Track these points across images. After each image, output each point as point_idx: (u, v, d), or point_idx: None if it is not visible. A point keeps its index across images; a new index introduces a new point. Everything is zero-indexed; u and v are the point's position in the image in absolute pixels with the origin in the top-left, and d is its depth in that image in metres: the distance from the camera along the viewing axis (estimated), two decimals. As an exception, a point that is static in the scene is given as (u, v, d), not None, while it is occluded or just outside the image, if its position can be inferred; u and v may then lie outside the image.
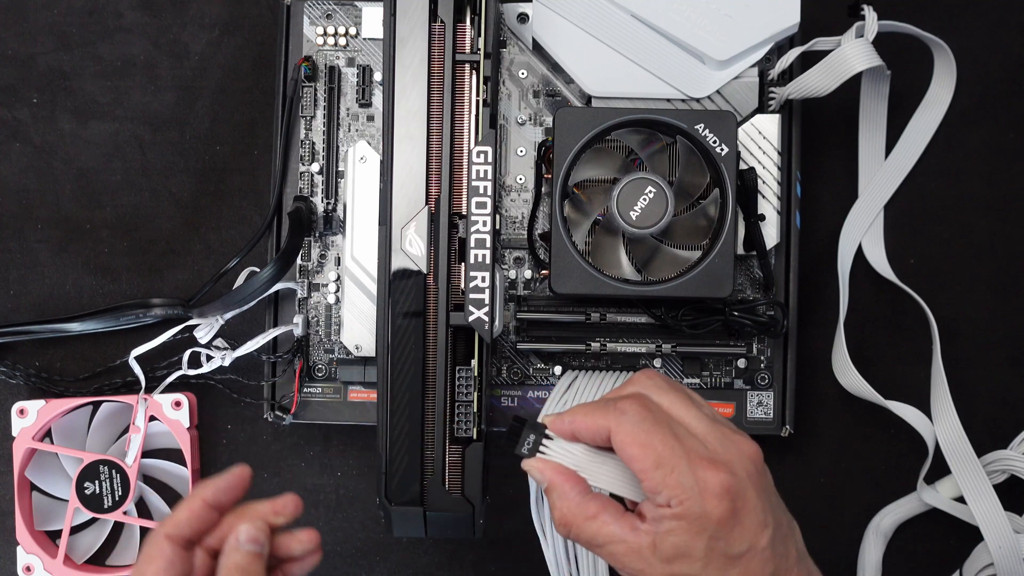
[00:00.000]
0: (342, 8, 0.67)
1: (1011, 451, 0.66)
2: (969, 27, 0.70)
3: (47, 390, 0.70)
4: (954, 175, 0.70)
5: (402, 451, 0.57)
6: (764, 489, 0.48)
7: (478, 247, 0.58)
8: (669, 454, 0.47)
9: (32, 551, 0.67)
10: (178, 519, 0.49)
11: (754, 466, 0.48)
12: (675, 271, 0.62)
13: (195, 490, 0.51)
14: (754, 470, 0.48)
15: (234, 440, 0.71)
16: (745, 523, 0.47)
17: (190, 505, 0.50)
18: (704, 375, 0.66)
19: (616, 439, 0.48)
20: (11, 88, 0.71)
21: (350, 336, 0.65)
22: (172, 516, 0.50)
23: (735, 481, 0.47)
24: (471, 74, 0.59)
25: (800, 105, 0.66)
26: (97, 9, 0.71)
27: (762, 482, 0.48)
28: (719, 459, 0.47)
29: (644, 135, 0.63)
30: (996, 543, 0.64)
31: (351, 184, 0.65)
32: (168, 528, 0.49)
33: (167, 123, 0.71)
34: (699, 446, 0.48)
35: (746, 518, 0.47)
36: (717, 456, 0.47)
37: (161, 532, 0.49)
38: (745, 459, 0.48)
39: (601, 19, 0.65)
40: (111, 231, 0.71)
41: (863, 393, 0.66)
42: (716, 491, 0.46)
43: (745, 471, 0.47)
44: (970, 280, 0.70)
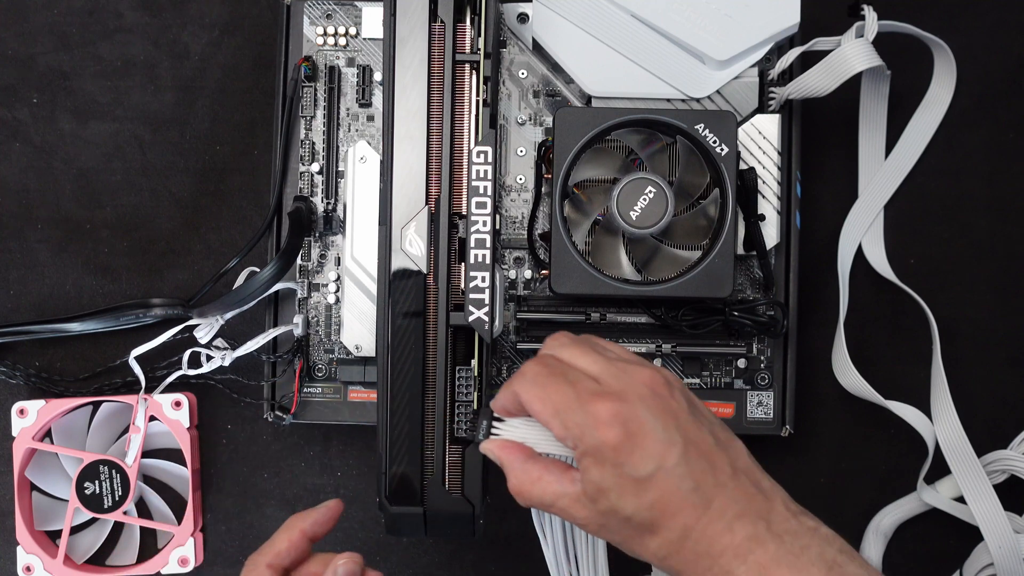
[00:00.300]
0: (342, 8, 0.67)
1: (1011, 451, 0.66)
2: (969, 27, 0.70)
3: (47, 390, 0.70)
4: (954, 175, 0.70)
5: (402, 451, 0.57)
6: (665, 411, 0.48)
7: (478, 247, 0.58)
8: (563, 399, 0.48)
9: (32, 551, 0.67)
10: (278, 549, 0.53)
11: (648, 390, 0.48)
12: (675, 271, 0.62)
13: (292, 521, 0.55)
14: (648, 393, 0.48)
15: (234, 440, 0.71)
16: (645, 445, 0.47)
17: (289, 535, 0.54)
18: (704, 375, 0.66)
19: (522, 400, 0.50)
20: (11, 88, 0.71)
21: (350, 336, 0.65)
22: (272, 546, 0.54)
23: (624, 406, 0.47)
24: (471, 74, 0.59)
25: (800, 105, 0.66)
26: (97, 9, 0.71)
27: (660, 404, 0.48)
28: (610, 391, 0.48)
29: (644, 135, 0.63)
30: (996, 543, 0.64)
31: (351, 184, 0.65)
32: (269, 558, 0.53)
33: (167, 123, 0.71)
34: (592, 385, 0.49)
35: (644, 440, 0.47)
36: (608, 389, 0.48)
37: (262, 561, 0.53)
38: (637, 385, 0.48)
39: (601, 19, 0.65)
40: (111, 231, 0.71)
41: (863, 393, 0.66)
42: (605, 419, 0.47)
43: (637, 395, 0.48)
44: (970, 280, 0.70)
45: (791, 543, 0.46)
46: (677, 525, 0.46)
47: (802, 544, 0.46)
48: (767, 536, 0.46)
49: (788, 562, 0.45)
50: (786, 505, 0.48)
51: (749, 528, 0.46)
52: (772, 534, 0.46)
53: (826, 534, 0.47)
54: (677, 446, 0.47)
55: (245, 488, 0.71)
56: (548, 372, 0.49)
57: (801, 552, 0.46)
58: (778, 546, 0.46)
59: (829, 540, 0.47)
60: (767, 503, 0.47)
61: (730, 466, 0.48)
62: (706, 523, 0.46)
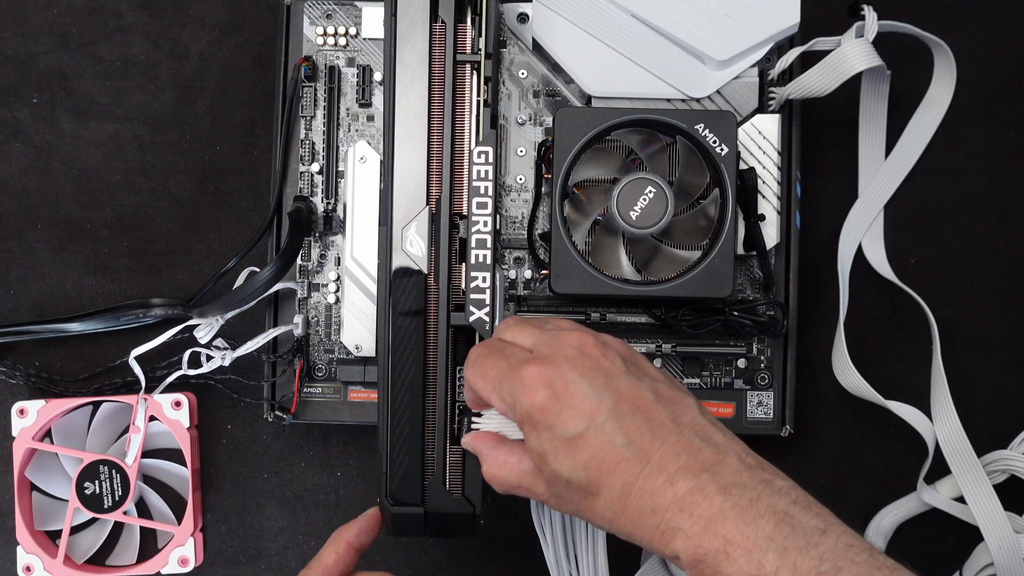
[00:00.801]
0: (342, 8, 0.67)
1: (1011, 451, 0.66)
2: (969, 27, 0.70)
3: (47, 390, 0.70)
4: (954, 175, 0.70)
5: (402, 451, 0.57)
6: (594, 369, 0.48)
7: (479, 247, 0.58)
8: (497, 372, 0.49)
9: (32, 551, 0.67)
10: (326, 563, 0.55)
11: (576, 351, 0.49)
12: (675, 271, 0.62)
13: (338, 534, 0.56)
14: (575, 354, 0.48)
15: (234, 440, 0.71)
16: (573, 404, 0.47)
17: (336, 548, 0.56)
18: (704, 375, 0.66)
19: (468, 383, 0.52)
20: (11, 88, 0.71)
21: (350, 336, 0.65)
22: (320, 561, 0.55)
23: (550, 368, 0.48)
24: (472, 74, 0.59)
25: (800, 105, 0.66)
26: (97, 9, 0.71)
27: (589, 364, 0.48)
28: (537, 357, 0.49)
29: (644, 135, 0.63)
30: (996, 543, 0.64)
31: (351, 184, 0.65)
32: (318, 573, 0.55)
33: (167, 123, 0.71)
34: (523, 355, 0.50)
35: (572, 399, 0.47)
36: (536, 356, 0.49)
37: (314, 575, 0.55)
38: (565, 347, 0.49)
39: (601, 19, 0.65)
40: (111, 231, 0.71)
41: (863, 393, 0.66)
42: (531, 383, 0.48)
43: (563, 357, 0.48)
44: (970, 280, 0.70)
45: (739, 495, 0.45)
46: (616, 483, 0.46)
47: (751, 496, 0.45)
48: (712, 488, 0.45)
49: (734, 515, 0.44)
50: (740, 458, 0.47)
51: (691, 481, 0.45)
52: (718, 486, 0.45)
53: (780, 486, 0.46)
54: (606, 402, 0.47)
55: (245, 488, 0.71)
56: (487, 351, 0.51)
57: (750, 504, 0.44)
58: (724, 498, 0.44)
59: (783, 492, 0.45)
60: (716, 455, 0.46)
61: (672, 420, 0.47)
62: (645, 478, 0.46)
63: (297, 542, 0.71)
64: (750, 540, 0.43)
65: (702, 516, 0.44)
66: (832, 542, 0.44)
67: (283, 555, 0.71)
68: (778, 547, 0.43)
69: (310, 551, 0.70)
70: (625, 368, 0.49)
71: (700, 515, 0.44)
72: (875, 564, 0.43)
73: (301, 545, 0.71)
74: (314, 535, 0.71)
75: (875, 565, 0.43)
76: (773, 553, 0.43)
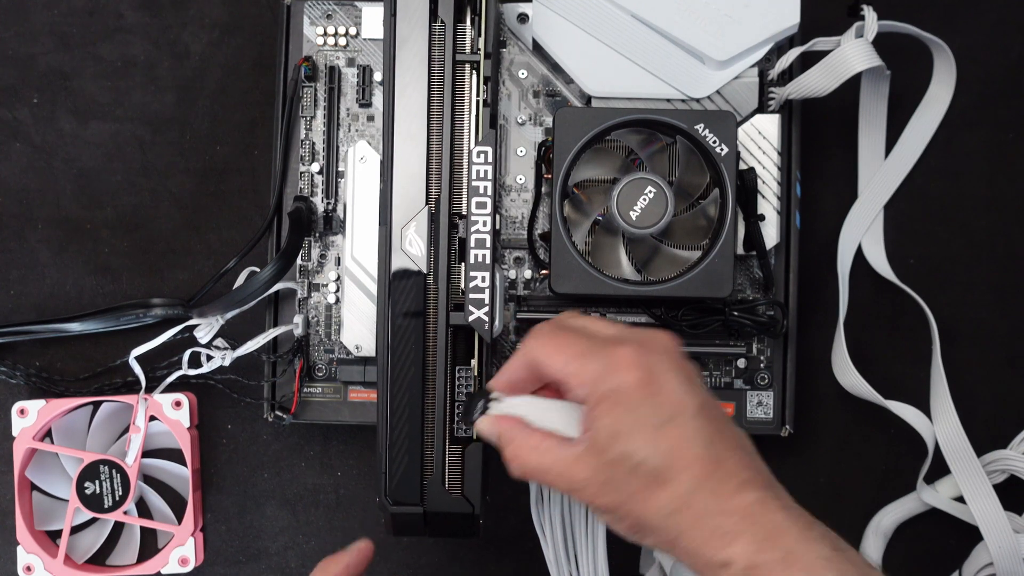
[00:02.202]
0: (342, 8, 0.67)
1: (1011, 451, 0.66)
2: (969, 27, 0.70)
3: (47, 390, 0.70)
4: (954, 175, 0.70)
5: (402, 451, 0.57)
6: (684, 368, 0.48)
7: (478, 247, 0.58)
8: (580, 348, 0.49)
9: (32, 551, 0.67)
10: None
11: (666, 346, 0.49)
12: (675, 271, 0.62)
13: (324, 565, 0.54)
14: (671, 347, 0.49)
15: (234, 440, 0.71)
16: (665, 391, 0.47)
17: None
18: (704, 375, 0.66)
19: (536, 356, 0.50)
20: (11, 88, 0.71)
21: (350, 336, 0.65)
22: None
23: (644, 352, 0.48)
24: (471, 74, 0.59)
25: (800, 105, 0.66)
26: (97, 9, 0.71)
27: (680, 362, 0.49)
28: (632, 340, 0.49)
29: (644, 135, 0.63)
30: (996, 543, 0.64)
31: (351, 184, 0.65)
32: None
33: (167, 123, 0.71)
34: (610, 337, 0.49)
35: (665, 387, 0.47)
36: (630, 339, 0.49)
37: None
38: (660, 339, 0.49)
39: (601, 19, 0.65)
40: (111, 231, 0.71)
41: (863, 393, 0.66)
42: (625, 363, 0.47)
43: (657, 347, 0.48)
44: (970, 280, 0.70)
45: (798, 516, 0.46)
46: (689, 477, 0.46)
47: (808, 520, 0.46)
48: (775, 505, 0.46)
49: (796, 532, 0.45)
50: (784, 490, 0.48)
51: (758, 493, 0.46)
52: (780, 504, 0.46)
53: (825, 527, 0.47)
54: (695, 401, 0.47)
55: (245, 488, 0.71)
56: (562, 328, 0.50)
57: (808, 526, 0.46)
58: (785, 516, 0.45)
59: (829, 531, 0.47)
60: (769, 479, 0.48)
61: (737, 438, 0.48)
62: (717, 480, 0.46)
63: (297, 542, 0.71)
64: (811, 556, 0.44)
65: (765, 528, 0.45)
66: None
67: (283, 555, 0.71)
68: (836, 570, 0.44)
69: (310, 551, 0.70)
70: (700, 377, 0.50)
71: (764, 525, 0.45)
72: None
73: (301, 545, 0.71)
74: (314, 535, 0.71)
75: None
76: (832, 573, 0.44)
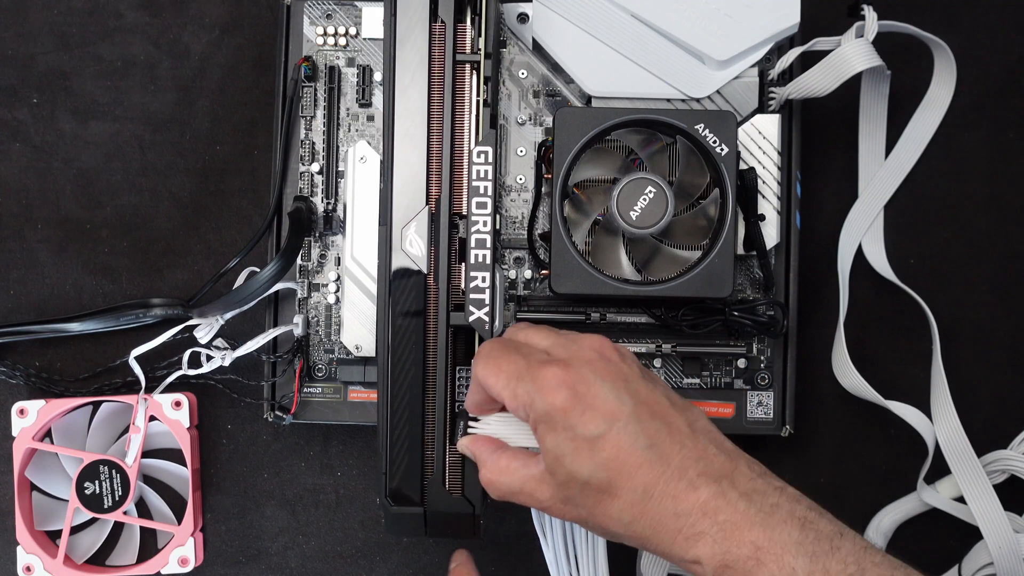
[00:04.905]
0: (342, 8, 0.67)
1: (1011, 451, 0.66)
2: (969, 27, 0.70)
3: (47, 390, 0.70)
4: (954, 175, 0.70)
5: (402, 451, 0.57)
6: (614, 373, 0.48)
7: (478, 247, 0.58)
8: (514, 370, 0.49)
9: (32, 551, 0.67)
10: None
11: (596, 354, 0.49)
12: (675, 271, 0.62)
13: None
14: (596, 357, 0.49)
15: (234, 440, 0.71)
16: (595, 405, 0.47)
17: None
18: (704, 375, 0.66)
19: (478, 378, 0.51)
20: (11, 88, 0.71)
21: (350, 336, 0.65)
22: None
23: (571, 371, 0.48)
24: (471, 74, 0.59)
25: (800, 105, 0.66)
26: (97, 9, 0.71)
27: (609, 368, 0.49)
28: (556, 359, 0.49)
29: (644, 135, 0.63)
30: (996, 543, 0.64)
31: (351, 184, 0.65)
32: None
33: (167, 123, 0.71)
34: (541, 355, 0.50)
35: (594, 400, 0.47)
36: (556, 357, 0.49)
37: None
38: (585, 350, 0.49)
39: (601, 19, 0.65)
40: (111, 231, 0.71)
41: (863, 393, 0.66)
42: (551, 384, 0.48)
43: (584, 360, 0.48)
44: (970, 280, 0.70)
45: (760, 501, 0.45)
46: (637, 485, 0.46)
47: (772, 503, 0.46)
48: (734, 495, 0.45)
49: (760, 520, 0.45)
50: (750, 466, 0.48)
51: (713, 487, 0.46)
52: (739, 493, 0.45)
53: (793, 493, 0.47)
54: (627, 405, 0.47)
55: (245, 488, 0.71)
56: (501, 348, 0.51)
57: (772, 510, 0.45)
58: (748, 504, 0.45)
59: (797, 498, 0.46)
60: (730, 463, 0.47)
61: (688, 426, 0.48)
62: (667, 481, 0.46)
63: (297, 542, 0.71)
64: (779, 546, 0.44)
65: (727, 521, 0.45)
66: (850, 545, 0.45)
67: (283, 555, 0.71)
68: (807, 552, 0.44)
69: (310, 551, 0.70)
70: (641, 373, 0.50)
71: (725, 520, 0.45)
72: (891, 564, 0.45)
73: (301, 545, 0.71)
74: (314, 535, 0.71)
75: (892, 565, 0.45)
76: (804, 558, 0.44)
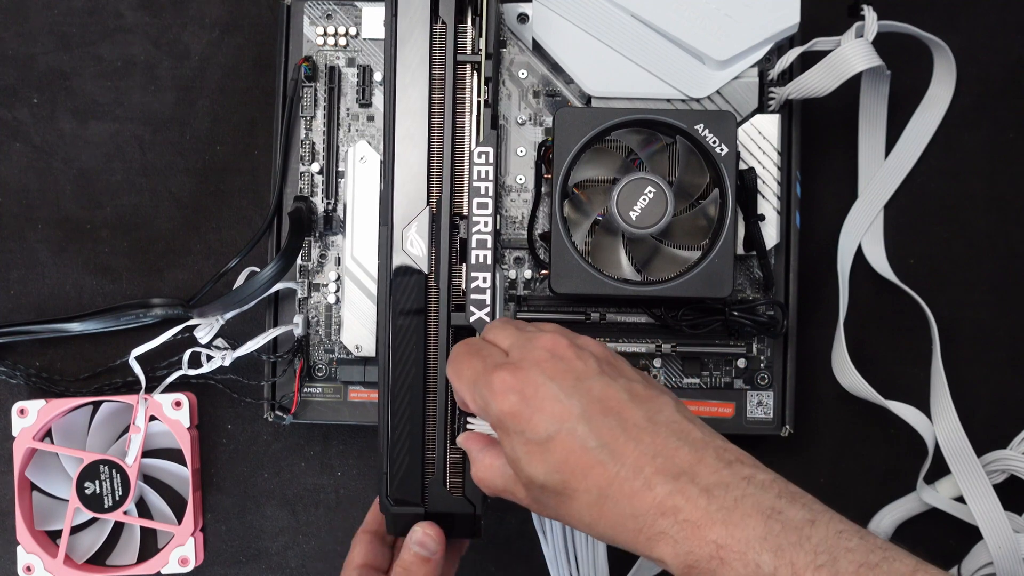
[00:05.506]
0: (342, 8, 0.67)
1: (1011, 451, 0.66)
2: (969, 27, 0.70)
3: (47, 390, 0.70)
4: (954, 175, 0.70)
5: (403, 451, 0.57)
6: (564, 372, 0.47)
7: (479, 247, 0.58)
8: (472, 374, 0.50)
9: (32, 551, 0.67)
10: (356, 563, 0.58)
11: (548, 354, 0.48)
12: (675, 271, 0.62)
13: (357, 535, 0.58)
14: (546, 357, 0.48)
15: (234, 440, 0.71)
16: (543, 407, 0.46)
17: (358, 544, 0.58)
18: (704, 375, 0.66)
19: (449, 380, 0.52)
20: (11, 88, 0.71)
21: (350, 336, 0.65)
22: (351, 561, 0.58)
23: (519, 373, 0.47)
24: (472, 74, 0.59)
25: (800, 105, 0.66)
26: (97, 9, 0.71)
27: (559, 366, 0.48)
28: (509, 362, 0.49)
29: (644, 135, 0.63)
30: (996, 543, 0.64)
31: (351, 184, 0.65)
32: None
33: (167, 123, 0.71)
34: (499, 357, 0.50)
35: (542, 403, 0.47)
36: (510, 360, 0.49)
37: None
38: (536, 350, 0.49)
39: (601, 19, 0.65)
40: (111, 231, 0.71)
41: (863, 393, 0.66)
42: (500, 389, 0.47)
43: (533, 361, 0.48)
44: (970, 280, 0.70)
45: (723, 496, 0.43)
46: (591, 486, 0.45)
47: (735, 496, 0.43)
48: (694, 491, 0.44)
49: (721, 517, 0.43)
50: (719, 455, 0.45)
51: (670, 484, 0.44)
52: (700, 488, 0.44)
53: (763, 480, 0.44)
54: (577, 405, 0.46)
55: (245, 488, 0.71)
56: (466, 350, 0.51)
57: (735, 505, 0.43)
58: (708, 501, 0.43)
59: (766, 486, 0.44)
60: (694, 455, 0.45)
61: (647, 420, 0.46)
62: (621, 481, 0.45)
63: (297, 542, 0.71)
64: (742, 543, 0.42)
65: (687, 520, 0.43)
66: (823, 532, 0.43)
67: (283, 555, 0.71)
68: (772, 547, 0.42)
69: (310, 551, 0.70)
70: (599, 368, 0.48)
71: (685, 519, 0.43)
72: (868, 547, 0.43)
73: (301, 545, 0.71)
74: (314, 535, 0.71)
75: (868, 548, 0.43)
76: (768, 553, 0.42)
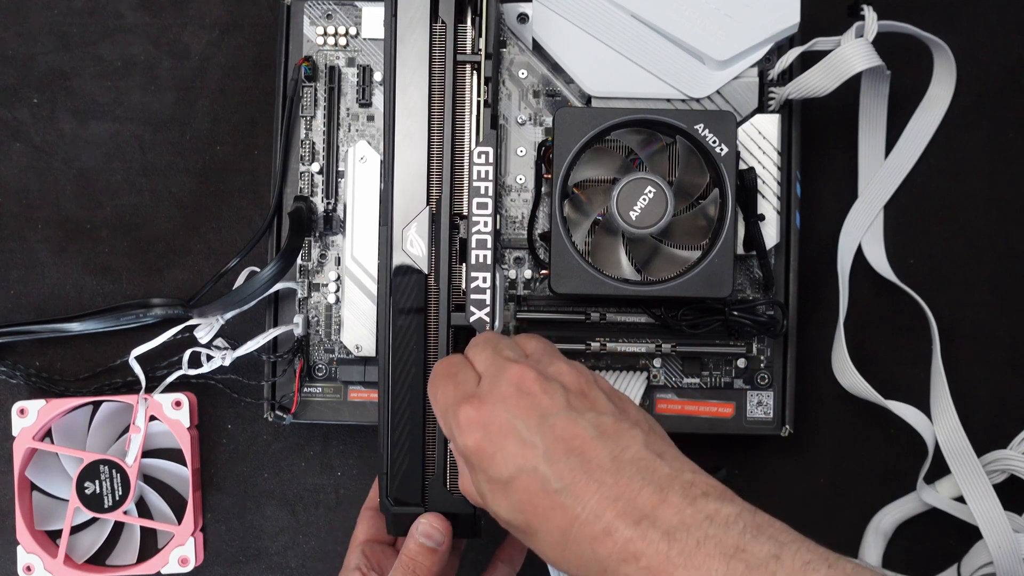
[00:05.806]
0: (342, 8, 0.67)
1: (1011, 451, 0.66)
2: (969, 27, 0.70)
3: (47, 390, 0.70)
4: (954, 175, 0.70)
5: (403, 451, 0.57)
6: (529, 409, 0.46)
7: (479, 247, 0.58)
8: (443, 402, 0.49)
9: (32, 551, 0.67)
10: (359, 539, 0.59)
11: (514, 388, 0.47)
12: (675, 271, 0.62)
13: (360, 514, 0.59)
14: (512, 393, 0.47)
15: (234, 440, 0.71)
16: (505, 447, 0.46)
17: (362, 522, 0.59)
18: (704, 375, 0.66)
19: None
20: (11, 88, 0.71)
21: (350, 336, 0.65)
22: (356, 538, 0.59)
23: (484, 409, 0.46)
24: (472, 74, 0.59)
25: (800, 105, 0.66)
26: (97, 9, 0.71)
27: (525, 403, 0.46)
28: (477, 394, 0.48)
29: (644, 135, 0.63)
30: (996, 543, 0.64)
31: (351, 184, 0.65)
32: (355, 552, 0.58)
33: (167, 123, 0.71)
34: (470, 387, 0.48)
35: (504, 442, 0.46)
36: (479, 392, 0.48)
37: None
38: (503, 384, 0.47)
39: (601, 19, 0.65)
40: (111, 231, 0.71)
41: (863, 393, 0.66)
42: (464, 425, 0.47)
43: (499, 397, 0.47)
44: (970, 280, 0.70)
45: (684, 539, 0.42)
46: (553, 528, 0.44)
47: (697, 538, 0.42)
48: (655, 535, 0.42)
49: (682, 562, 0.42)
50: (684, 491, 0.44)
51: (631, 530, 0.43)
52: (661, 532, 0.42)
53: (727, 516, 0.43)
54: (538, 447, 0.45)
55: (245, 488, 0.71)
56: (445, 371, 0.50)
57: (696, 548, 0.42)
58: (669, 546, 0.42)
59: (729, 524, 0.43)
60: (658, 495, 0.44)
61: (611, 459, 0.45)
62: (582, 525, 0.44)
63: (297, 542, 0.71)
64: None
65: (649, 567, 0.42)
66: (789, 566, 0.42)
67: (283, 555, 0.71)
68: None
69: (310, 551, 0.70)
70: (566, 403, 0.47)
71: (646, 566, 0.42)
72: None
73: (301, 545, 0.71)
74: (314, 535, 0.71)
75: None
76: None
